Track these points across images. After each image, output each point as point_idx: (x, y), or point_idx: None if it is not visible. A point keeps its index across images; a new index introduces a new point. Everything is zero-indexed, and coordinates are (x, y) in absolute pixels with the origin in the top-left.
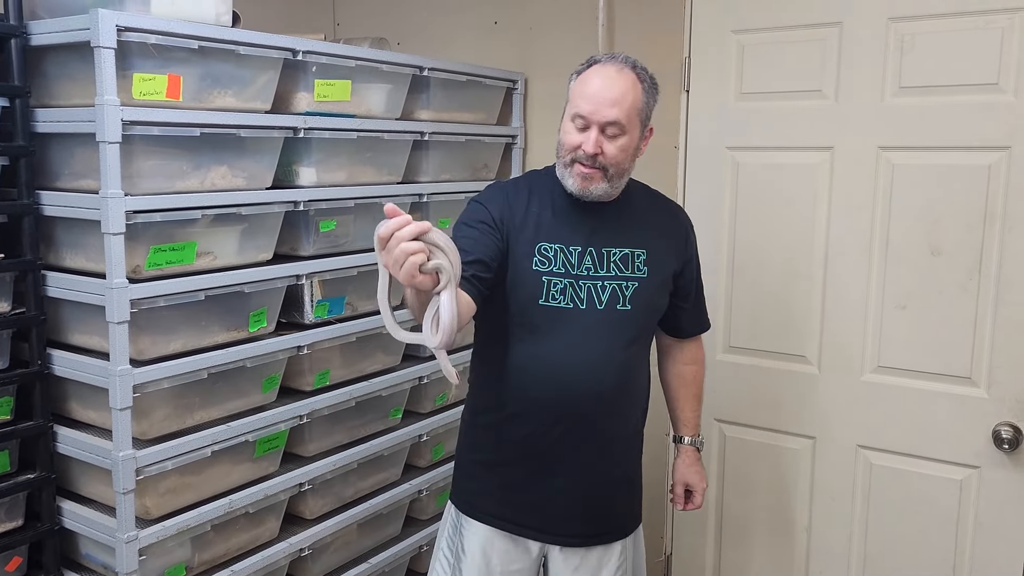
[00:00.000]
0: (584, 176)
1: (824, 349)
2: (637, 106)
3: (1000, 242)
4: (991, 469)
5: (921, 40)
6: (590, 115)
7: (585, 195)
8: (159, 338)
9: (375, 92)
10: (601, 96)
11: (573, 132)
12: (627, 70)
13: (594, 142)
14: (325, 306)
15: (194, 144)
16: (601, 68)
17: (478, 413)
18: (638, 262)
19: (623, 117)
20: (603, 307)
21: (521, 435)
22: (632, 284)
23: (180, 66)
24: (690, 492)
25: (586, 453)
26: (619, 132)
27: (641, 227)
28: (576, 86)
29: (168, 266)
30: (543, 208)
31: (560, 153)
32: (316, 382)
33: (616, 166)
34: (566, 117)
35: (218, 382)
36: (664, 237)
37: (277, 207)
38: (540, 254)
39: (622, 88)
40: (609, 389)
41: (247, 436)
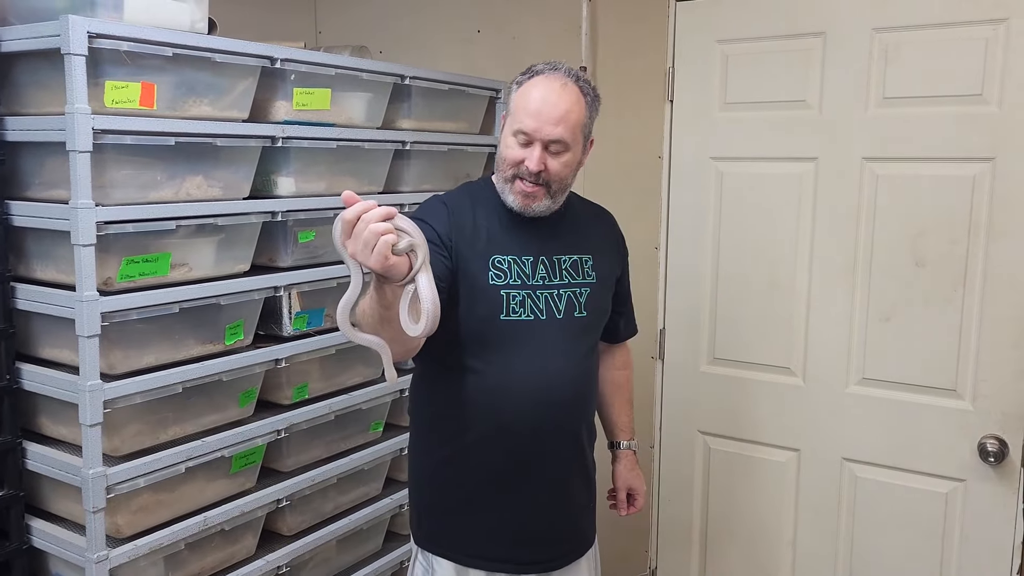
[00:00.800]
0: (526, 194)
1: (808, 361)
2: (581, 122)
3: (985, 253)
4: (977, 482)
5: (905, 51)
6: (534, 132)
7: (526, 212)
8: (131, 352)
9: (355, 101)
10: (545, 113)
11: (515, 147)
12: (571, 84)
13: (538, 159)
14: (304, 318)
15: (168, 153)
16: (544, 81)
17: (433, 448)
18: (587, 267)
19: (567, 135)
20: (562, 316)
21: (488, 462)
22: (585, 290)
23: (154, 74)
24: (632, 496)
25: (558, 468)
26: (563, 149)
27: (583, 233)
28: (518, 99)
29: (141, 278)
30: (490, 220)
31: (500, 167)
32: (294, 395)
33: (559, 182)
34: (507, 130)
35: (193, 396)
36: (604, 240)
37: (254, 217)
38: (495, 267)
39: (567, 104)
40: (577, 399)
41: (223, 452)
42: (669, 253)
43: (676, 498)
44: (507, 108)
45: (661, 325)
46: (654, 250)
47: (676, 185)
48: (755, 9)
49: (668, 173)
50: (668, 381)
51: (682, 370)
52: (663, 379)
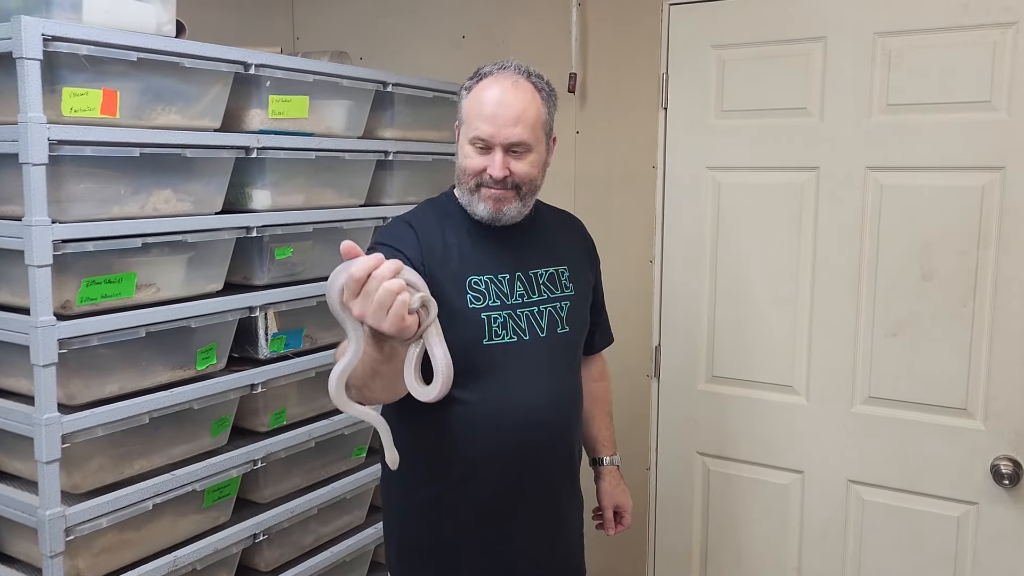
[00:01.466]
0: (496, 198)
1: (812, 379)
2: (540, 119)
3: (995, 266)
4: (990, 505)
5: (909, 56)
6: (491, 137)
7: (498, 219)
8: (93, 380)
9: (335, 109)
10: (500, 115)
11: (474, 155)
12: (523, 81)
13: (500, 165)
14: (281, 339)
15: (133, 165)
16: (494, 81)
17: (414, 488)
18: (563, 279)
19: (528, 135)
20: (545, 334)
21: (477, 497)
22: (565, 304)
23: (117, 80)
24: (619, 514)
25: (551, 496)
26: (525, 150)
27: (555, 242)
28: (469, 105)
29: (103, 300)
30: (460, 237)
31: (462, 179)
32: (272, 422)
33: (529, 183)
34: (462, 140)
35: (161, 427)
36: (576, 249)
37: (227, 233)
38: (472, 289)
39: (522, 103)
40: (569, 418)
41: (194, 485)
42: (664, 267)
43: (674, 523)
44: (459, 116)
45: (656, 342)
46: (648, 264)
47: (671, 196)
48: (752, 13)
49: (663, 183)
50: (664, 400)
51: (679, 389)
52: (659, 398)
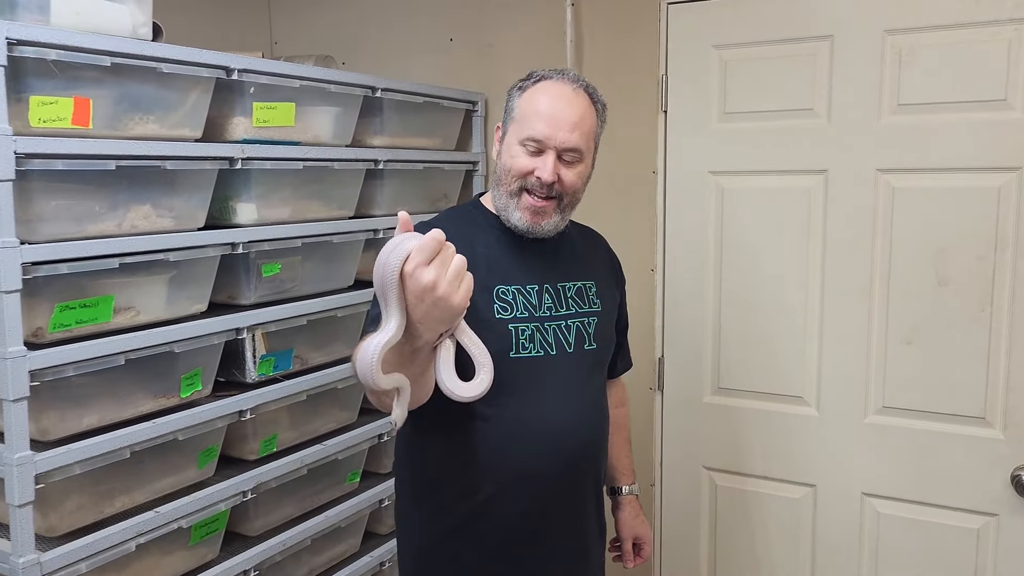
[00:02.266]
0: (536, 210)
1: (823, 389)
2: (595, 131)
3: (1013, 270)
4: (1010, 517)
5: (921, 54)
6: (547, 139)
7: (534, 232)
8: (68, 413)
9: (322, 116)
10: (559, 118)
11: (523, 156)
12: (581, 91)
13: (551, 169)
14: (270, 361)
15: (109, 179)
16: (554, 86)
17: (436, 515)
18: (591, 295)
19: (582, 143)
20: (572, 349)
21: (504, 524)
22: (592, 320)
23: (89, 87)
24: (638, 546)
25: (579, 522)
26: (577, 159)
27: (583, 257)
28: (524, 104)
29: (78, 326)
30: (488, 245)
31: (504, 180)
32: (261, 449)
33: (572, 195)
34: (511, 139)
35: (144, 461)
36: (603, 266)
37: (211, 250)
38: (500, 299)
39: (581, 110)
40: (597, 439)
41: (180, 522)
42: (667, 275)
43: (681, 540)
44: (509, 115)
45: (659, 353)
46: (650, 272)
47: (673, 202)
48: (755, 11)
49: (664, 189)
50: (668, 414)
51: (683, 401)
52: (663, 412)
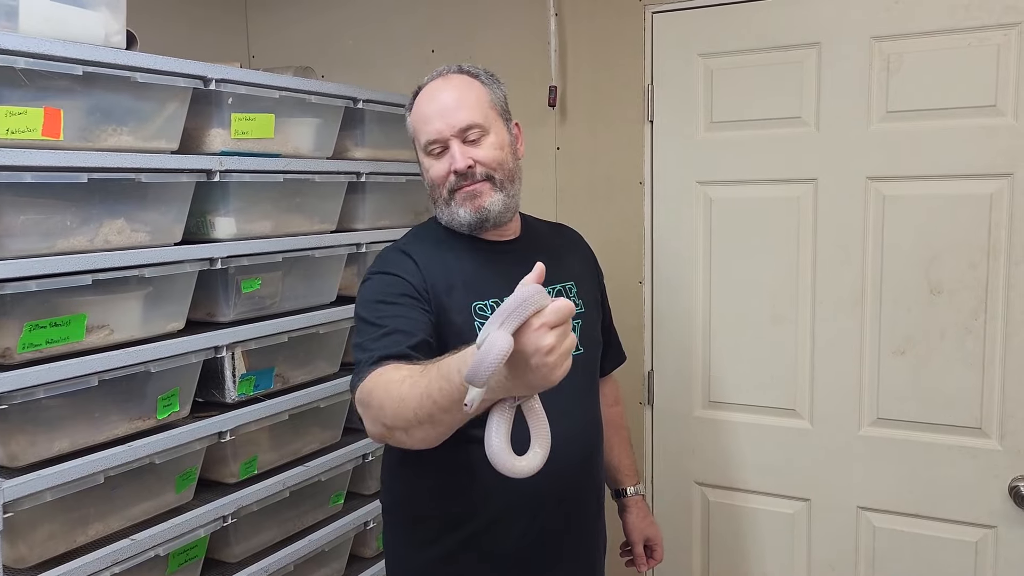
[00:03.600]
0: (471, 195)
1: (816, 401)
2: (484, 99)
3: (1006, 278)
4: (1009, 529)
5: (909, 60)
6: (440, 132)
7: (484, 218)
8: (39, 437)
9: (303, 127)
10: (441, 108)
11: (434, 164)
12: (454, 75)
13: (460, 155)
14: (251, 380)
15: (81, 193)
16: (427, 89)
17: (432, 540)
18: (572, 296)
19: (476, 115)
20: None
21: (511, 540)
22: (577, 323)
23: (60, 97)
24: (650, 547)
25: (587, 543)
26: (480, 133)
27: (560, 258)
28: (412, 120)
29: (49, 346)
30: (461, 260)
31: (435, 193)
32: (242, 472)
33: (500, 167)
34: (420, 156)
35: (119, 486)
36: (580, 262)
37: (188, 266)
38: (479, 316)
39: (458, 90)
40: (595, 447)
41: (157, 550)
42: (655, 288)
43: (673, 558)
44: (410, 138)
45: (649, 367)
46: (638, 285)
47: (660, 213)
48: (740, 19)
49: (651, 200)
50: (659, 429)
51: (674, 416)
52: (653, 427)
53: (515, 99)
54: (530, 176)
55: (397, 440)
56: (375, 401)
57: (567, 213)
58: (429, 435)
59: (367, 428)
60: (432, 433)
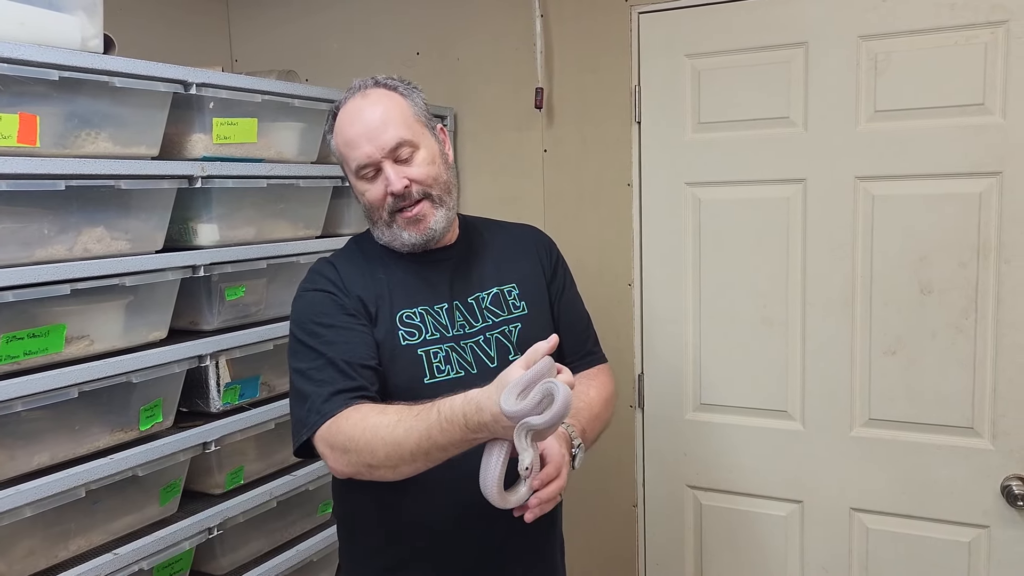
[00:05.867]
0: (415, 220)
1: (807, 403)
2: (408, 112)
3: (996, 277)
4: (1002, 528)
5: (896, 59)
6: (370, 156)
7: (430, 237)
8: (18, 451)
9: (286, 132)
10: (366, 129)
11: (369, 187)
12: (372, 91)
13: (396, 176)
14: (235, 389)
15: (58, 201)
16: (346, 111)
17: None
18: (512, 299)
19: (403, 131)
20: (496, 363)
21: (462, 552)
22: (515, 327)
23: (36, 103)
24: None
25: (540, 541)
26: (411, 149)
27: (500, 260)
28: (336, 143)
29: (27, 358)
30: (388, 271)
31: (373, 216)
32: (227, 482)
33: (435, 182)
34: (351, 179)
35: (101, 500)
36: (526, 260)
37: (171, 274)
38: (404, 324)
39: (380, 107)
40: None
41: (141, 564)
42: (644, 290)
43: (666, 562)
44: (340, 162)
45: (639, 370)
46: (627, 287)
47: (649, 215)
48: (727, 19)
49: (639, 202)
50: (650, 432)
51: (665, 419)
52: (644, 430)
53: (501, 101)
54: (517, 179)
55: (378, 476)
56: (361, 446)
57: (555, 215)
58: (418, 469)
59: (338, 467)
60: (422, 467)
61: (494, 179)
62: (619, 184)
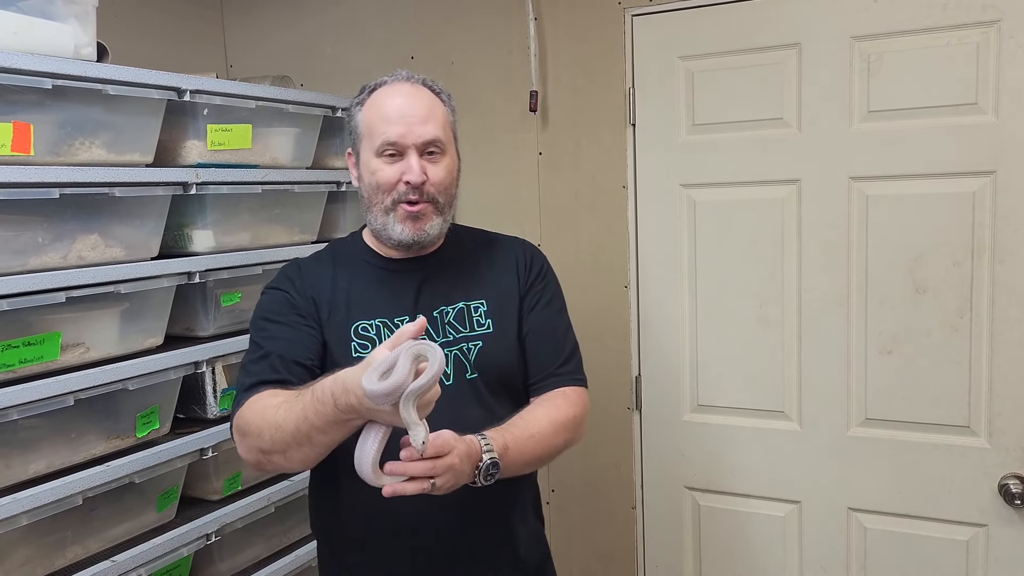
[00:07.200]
0: (415, 217)
1: (804, 403)
2: (448, 121)
3: (991, 275)
4: (1000, 527)
5: (889, 59)
6: (403, 137)
7: (420, 239)
8: (14, 460)
9: (281, 137)
10: (410, 114)
11: (385, 167)
12: (420, 86)
13: (418, 168)
14: (232, 395)
15: (53, 209)
16: (391, 88)
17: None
18: (477, 316)
19: (440, 133)
20: (451, 381)
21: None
22: (475, 344)
23: (30, 111)
24: None
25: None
26: (440, 151)
27: (472, 274)
28: (368, 115)
29: (23, 366)
30: (352, 280)
31: (375, 199)
32: (225, 488)
33: (445, 193)
34: (366, 156)
35: (98, 506)
36: (503, 277)
37: (166, 281)
38: (359, 336)
39: (428, 102)
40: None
41: (139, 571)
42: (640, 292)
43: (665, 564)
44: (355, 136)
45: (636, 372)
46: (623, 290)
47: (644, 216)
48: (720, 21)
49: (634, 204)
50: (648, 434)
51: (662, 421)
52: (642, 432)
53: (495, 105)
54: (512, 182)
55: (275, 464)
56: (252, 429)
57: (550, 219)
58: (308, 456)
59: (241, 453)
60: (311, 453)
61: (490, 183)
62: (614, 186)
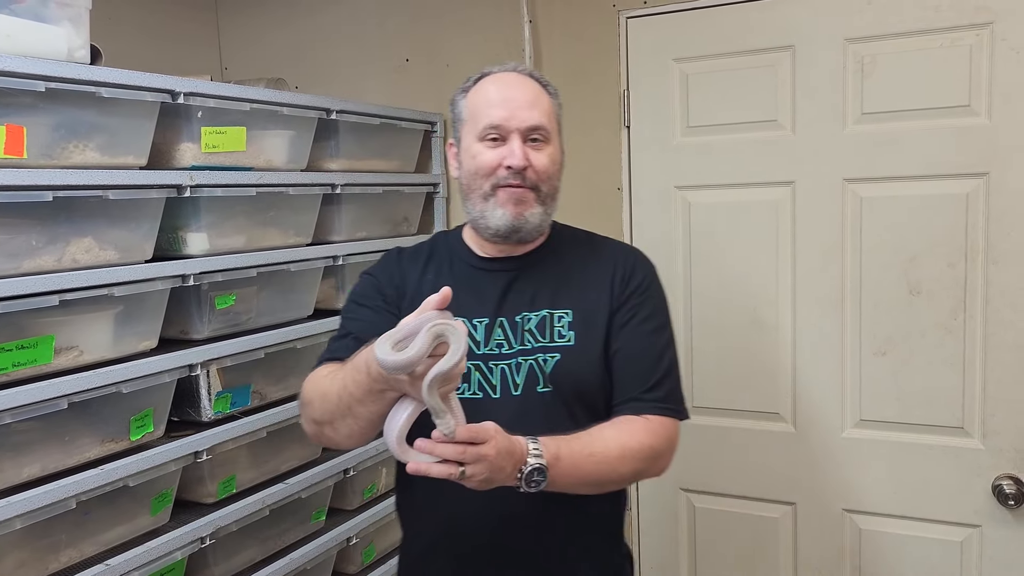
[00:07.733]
0: (516, 199)
1: (799, 404)
2: (554, 112)
3: (984, 277)
4: (994, 527)
5: (882, 62)
6: (507, 120)
7: (518, 227)
8: (7, 463)
9: (275, 140)
10: (515, 98)
11: (487, 151)
12: (527, 76)
13: (520, 153)
14: (227, 398)
15: (46, 212)
16: (498, 76)
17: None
18: (560, 326)
19: (545, 120)
20: (520, 392)
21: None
22: (553, 357)
23: (23, 114)
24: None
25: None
26: (544, 138)
27: (566, 281)
28: (472, 100)
29: (16, 369)
30: (440, 275)
31: (474, 186)
32: (219, 491)
33: (548, 182)
34: (468, 140)
35: (92, 510)
36: (595, 287)
37: (160, 283)
38: None
39: (534, 90)
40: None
41: (133, 574)
42: None
43: (660, 566)
44: (459, 122)
45: None
46: None
47: (639, 219)
48: (714, 23)
49: (629, 206)
50: None
51: None
52: None
53: None
54: None
55: (327, 437)
56: (307, 398)
57: None
58: (353, 429)
59: (304, 427)
60: (355, 427)
61: None
62: (609, 188)
